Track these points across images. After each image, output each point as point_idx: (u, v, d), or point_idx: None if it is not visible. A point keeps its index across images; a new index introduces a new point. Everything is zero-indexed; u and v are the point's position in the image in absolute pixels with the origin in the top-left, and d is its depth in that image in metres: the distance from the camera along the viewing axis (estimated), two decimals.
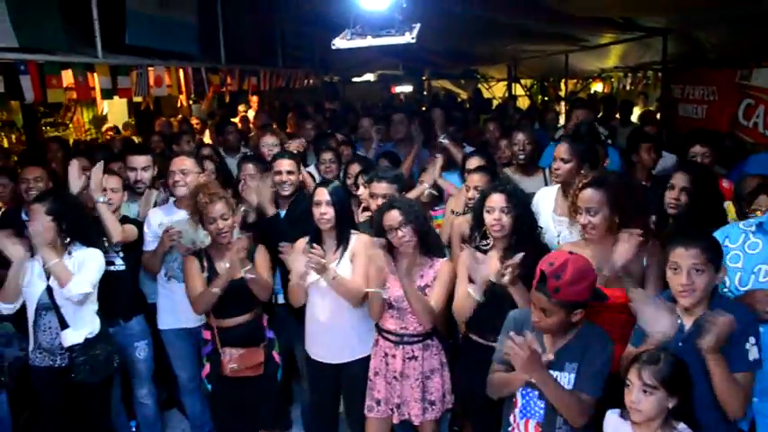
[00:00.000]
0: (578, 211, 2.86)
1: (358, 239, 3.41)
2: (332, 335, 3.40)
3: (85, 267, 3.31)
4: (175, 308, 3.73)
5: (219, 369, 3.39)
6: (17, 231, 3.34)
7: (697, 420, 2.29)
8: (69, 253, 3.34)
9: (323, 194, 3.34)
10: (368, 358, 3.40)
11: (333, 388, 3.54)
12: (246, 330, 3.42)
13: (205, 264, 3.41)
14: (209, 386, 3.53)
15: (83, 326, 3.36)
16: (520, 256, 2.80)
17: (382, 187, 3.56)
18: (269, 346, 3.51)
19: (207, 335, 3.47)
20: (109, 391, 3.58)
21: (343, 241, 3.38)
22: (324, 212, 3.30)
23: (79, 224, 3.37)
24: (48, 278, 3.30)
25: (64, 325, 3.30)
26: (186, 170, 3.79)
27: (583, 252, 2.66)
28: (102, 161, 3.67)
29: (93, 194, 3.57)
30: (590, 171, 3.28)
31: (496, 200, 3.01)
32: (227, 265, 3.28)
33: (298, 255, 3.28)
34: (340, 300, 3.32)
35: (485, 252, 3.06)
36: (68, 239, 3.33)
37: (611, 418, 2.42)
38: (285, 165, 3.87)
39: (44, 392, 3.45)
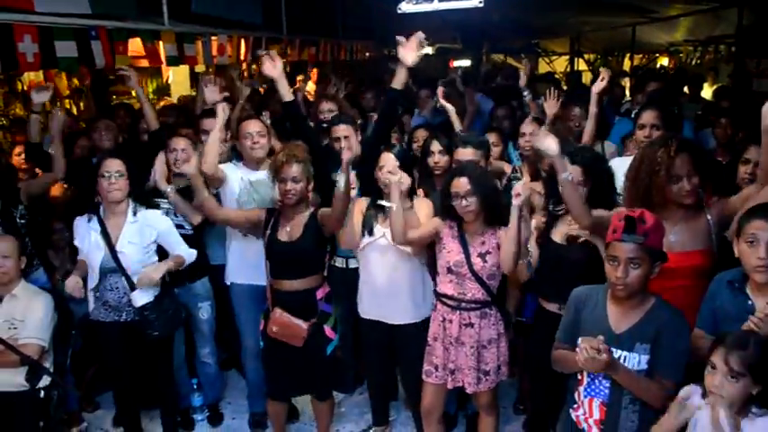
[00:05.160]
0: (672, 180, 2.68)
1: (416, 203, 3.42)
2: (388, 295, 3.39)
3: (172, 234, 3.53)
4: (247, 263, 3.73)
5: (267, 326, 3.40)
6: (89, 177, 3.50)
7: None
8: (134, 213, 3.45)
9: (390, 159, 3.32)
10: (422, 324, 3.40)
11: (386, 348, 3.58)
12: (297, 301, 3.34)
13: (271, 221, 3.38)
14: (261, 343, 3.54)
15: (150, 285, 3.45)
16: None
17: (468, 153, 3.50)
18: (320, 322, 3.40)
19: (269, 293, 3.46)
20: (172, 343, 3.70)
21: None
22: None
23: (141, 187, 3.51)
24: (108, 245, 3.38)
25: (132, 287, 3.39)
26: (262, 132, 3.75)
27: None
28: (161, 152, 3.72)
29: (160, 185, 3.65)
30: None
31: (572, 172, 2.90)
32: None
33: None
34: (399, 260, 3.34)
35: (558, 216, 3.05)
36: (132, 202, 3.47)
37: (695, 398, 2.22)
38: (341, 130, 3.85)
39: (110, 347, 3.56)
